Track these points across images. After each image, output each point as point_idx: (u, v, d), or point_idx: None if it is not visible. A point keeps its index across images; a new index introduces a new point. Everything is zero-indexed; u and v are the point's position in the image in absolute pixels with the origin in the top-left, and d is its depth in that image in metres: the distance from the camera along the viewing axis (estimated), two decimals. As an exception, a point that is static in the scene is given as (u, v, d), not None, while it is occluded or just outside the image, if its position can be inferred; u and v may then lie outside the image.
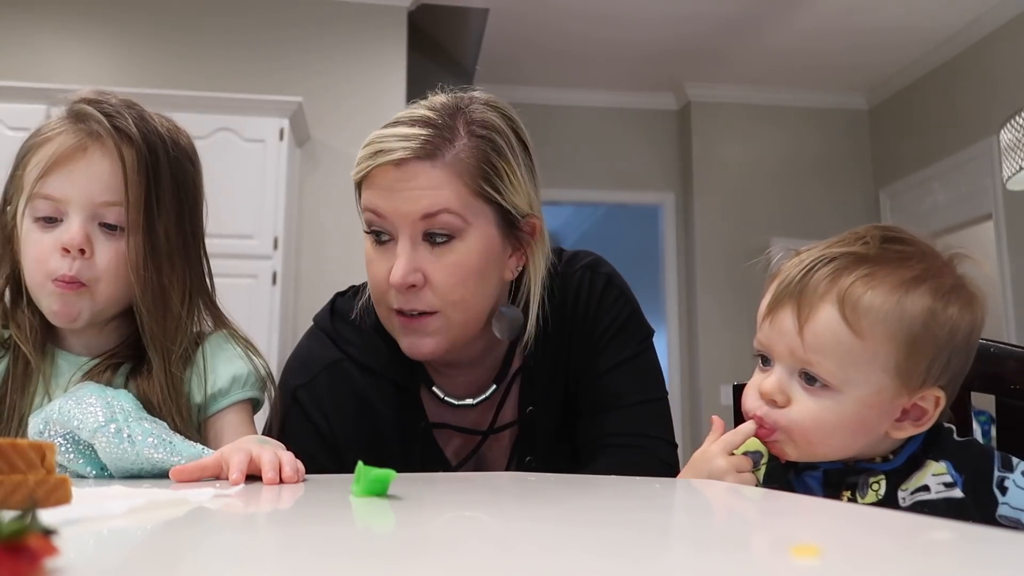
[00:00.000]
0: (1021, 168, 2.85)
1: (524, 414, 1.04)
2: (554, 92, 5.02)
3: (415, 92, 0.99)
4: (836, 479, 0.80)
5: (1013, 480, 0.74)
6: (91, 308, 0.90)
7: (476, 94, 0.98)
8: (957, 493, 0.75)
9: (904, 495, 0.77)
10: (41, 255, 0.88)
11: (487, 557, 0.37)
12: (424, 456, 1.00)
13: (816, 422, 0.77)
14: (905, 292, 0.75)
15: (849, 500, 0.79)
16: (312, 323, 1.08)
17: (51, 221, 0.88)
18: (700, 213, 5.00)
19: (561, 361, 1.04)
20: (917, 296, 0.75)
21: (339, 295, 1.09)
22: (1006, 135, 2.94)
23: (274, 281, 3.37)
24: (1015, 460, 0.76)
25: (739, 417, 1.02)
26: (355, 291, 1.07)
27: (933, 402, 0.77)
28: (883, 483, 0.78)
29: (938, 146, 4.57)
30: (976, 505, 0.74)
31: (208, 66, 3.78)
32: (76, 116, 0.91)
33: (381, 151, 0.91)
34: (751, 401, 0.81)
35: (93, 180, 0.88)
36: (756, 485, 0.81)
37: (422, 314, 0.93)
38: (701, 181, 5.04)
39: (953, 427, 0.82)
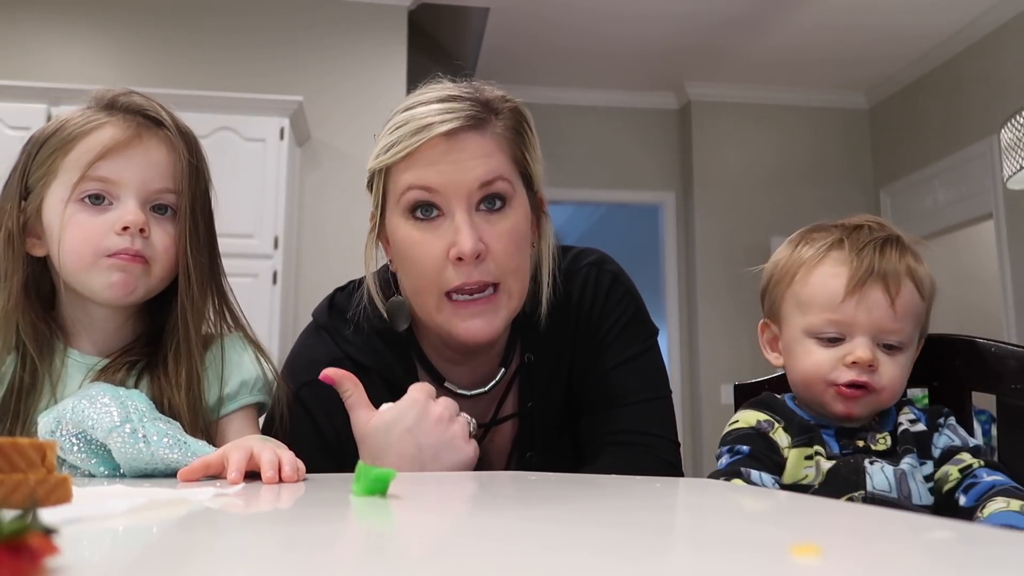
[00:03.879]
0: (1021, 167, 2.84)
1: (524, 408, 1.04)
2: (554, 91, 5.02)
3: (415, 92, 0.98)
4: (848, 434, 0.95)
5: (941, 431, 0.96)
6: (146, 286, 0.92)
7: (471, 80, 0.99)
8: (921, 427, 0.96)
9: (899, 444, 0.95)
10: (91, 235, 0.89)
11: (487, 556, 0.37)
12: None
13: (902, 377, 0.95)
14: (920, 262, 0.96)
15: (864, 446, 0.94)
16: (311, 318, 1.07)
17: (97, 203, 0.90)
18: (700, 213, 5.00)
19: (564, 358, 1.04)
20: (924, 264, 0.96)
21: (338, 290, 1.08)
22: (1006, 134, 2.94)
23: (274, 280, 3.37)
24: (952, 418, 0.97)
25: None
26: (354, 286, 1.07)
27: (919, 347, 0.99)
28: (888, 437, 0.95)
29: (939, 145, 4.57)
30: (929, 439, 0.95)
31: (208, 65, 3.78)
32: (124, 108, 0.94)
33: (425, 126, 0.89)
34: (836, 373, 0.93)
35: (150, 166, 0.92)
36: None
37: (483, 293, 0.91)
38: (701, 181, 5.04)
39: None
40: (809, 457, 0.93)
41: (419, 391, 0.88)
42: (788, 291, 0.98)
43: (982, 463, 0.92)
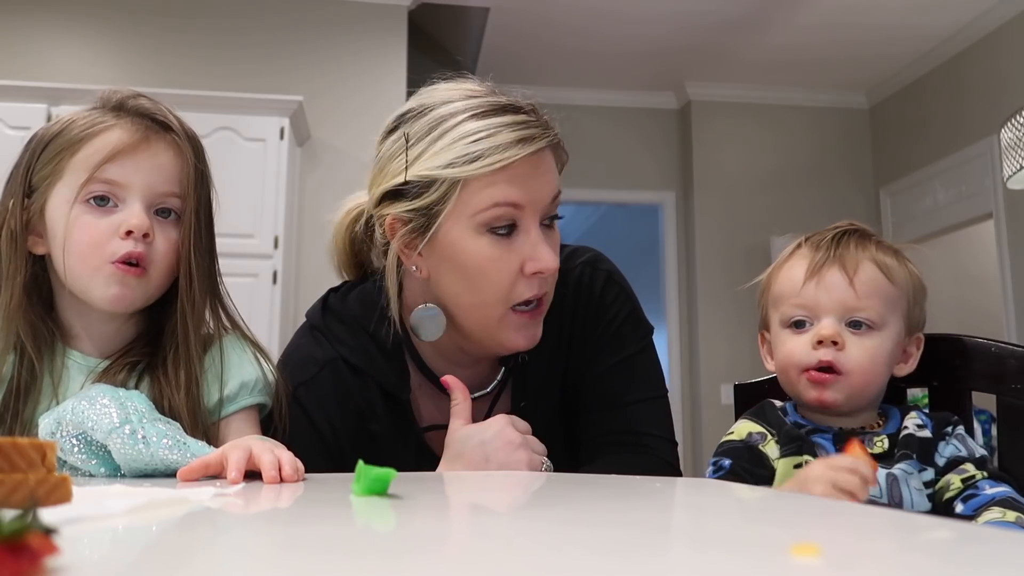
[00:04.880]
0: (1021, 167, 2.84)
1: (517, 408, 1.04)
2: (554, 91, 5.01)
3: (415, 91, 0.98)
4: (846, 437, 0.95)
5: (948, 440, 0.96)
6: (145, 293, 0.92)
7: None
8: (927, 433, 0.95)
9: (897, 448, 0.96)
10: (96, 237, 0.89)
11: (487, 556, 0.37)
12: (419, 460, 1.00)
13: (872, 359, 0.95)
14: (900, 257, 1.00)
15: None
16: (305, 319, 1.07)
17: (103, 204, 0.90)
18: (700, 212, 5.00)
19: (558, 357, 1.04)
20: (905, 261, 1.00)
21: (332, 291, 1.08)
22: (1006, 134, 2.94)
23: (274, 280, 3.37)
24: (961, 428, 0.97)
25: (740, 415, 1.02)
26: (349, 287, 1.07)
27: (916, 344, 1.02)
28: (886, 440, 0.96)
29: (939, 145, 4.57)
30: (934, 446, 0.95)
31: (208, 65, 3.78)
32: (132, 111, 0.94)
33: (519, 140, 0.88)
34: (805, 357, 0.96)
35: (157, 170, 0.92)
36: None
37: (539, 305, 0.95)
38: (701, 180, 5.03)
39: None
40: (799, 466, 0.94)
41: (503, 417, 0.94)
42: (768, 296, 1.04)
43: (985, 475, 0.92)
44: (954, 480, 0.93)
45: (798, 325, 0.98)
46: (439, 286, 0.96)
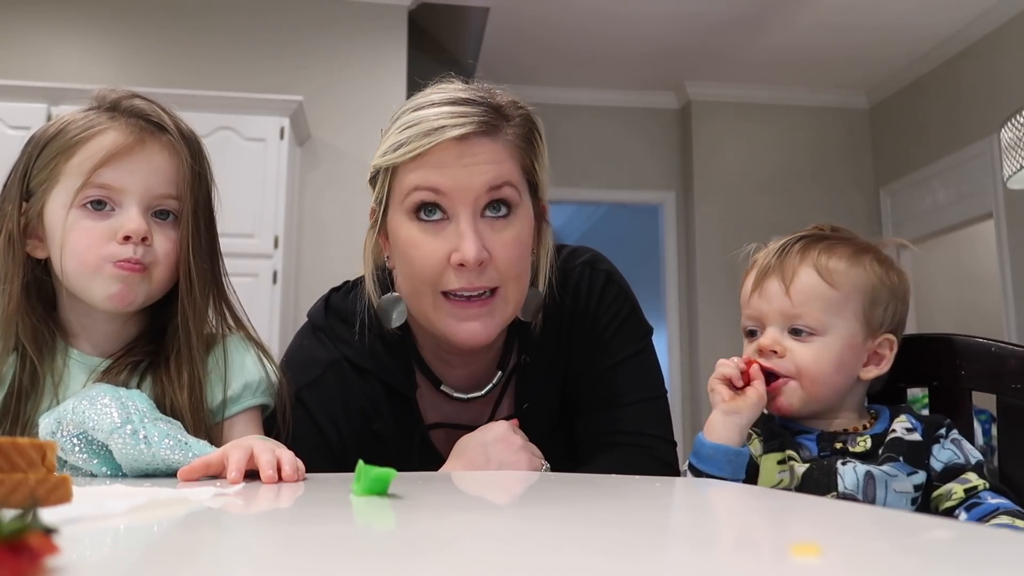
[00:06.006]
0: (1022, 167, 2.84)
1: (521, 410, 1.04)
2: (555, 91, 5.02)
3: (415, 91, 0.98)
4: (829, 438, 0.96)
5: (943, 444, 0.95)
6: (147, 291, 0.92)
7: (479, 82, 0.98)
8: (917, 437, 0.95)
9: (882, 450, 0.95)
10: (94, 241, 0.89)
11: (487, 556, 0.37)
12: (422, 458, 1.00)
13: (816, 362, 0.96)
14: (859, 258, 0.99)
15: (841, 448, 0.95)
16: (307, 319, 1.07)
17: (99, 208, 0.90)
18: (700, 213, 5.00)
19: (560, 357, 1.04)
20: (867, 260, 0.99)
21: (334, 291, 1.08)
22: (1007, 134, 2.94)
23: (274, 280, 3.37)
24: (955, 431, 0.96)
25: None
26: (350, 287, 1.07)
27: (888, 346, 1.00)
28: (869, 440, 0.95)
29: (939, 145, 4.57)
30: (926, 449, 0.94)
31: (208, 65, 3.78)
32: (127, 112, 0.93)
33: (437, 128, 0.88)
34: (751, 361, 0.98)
35: (152, 173, 0.92)
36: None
37: (481, 296, 0.91)
38: (701, 180, 5.03)
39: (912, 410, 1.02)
40: (782, 462, 0.95)
41: (505, 423, 0.96)
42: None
43: (987, 485, 0.92)
44: (956, 489, 0.92)
45: (751, 334, 1.01)
46: (396, 274, 0.99)
